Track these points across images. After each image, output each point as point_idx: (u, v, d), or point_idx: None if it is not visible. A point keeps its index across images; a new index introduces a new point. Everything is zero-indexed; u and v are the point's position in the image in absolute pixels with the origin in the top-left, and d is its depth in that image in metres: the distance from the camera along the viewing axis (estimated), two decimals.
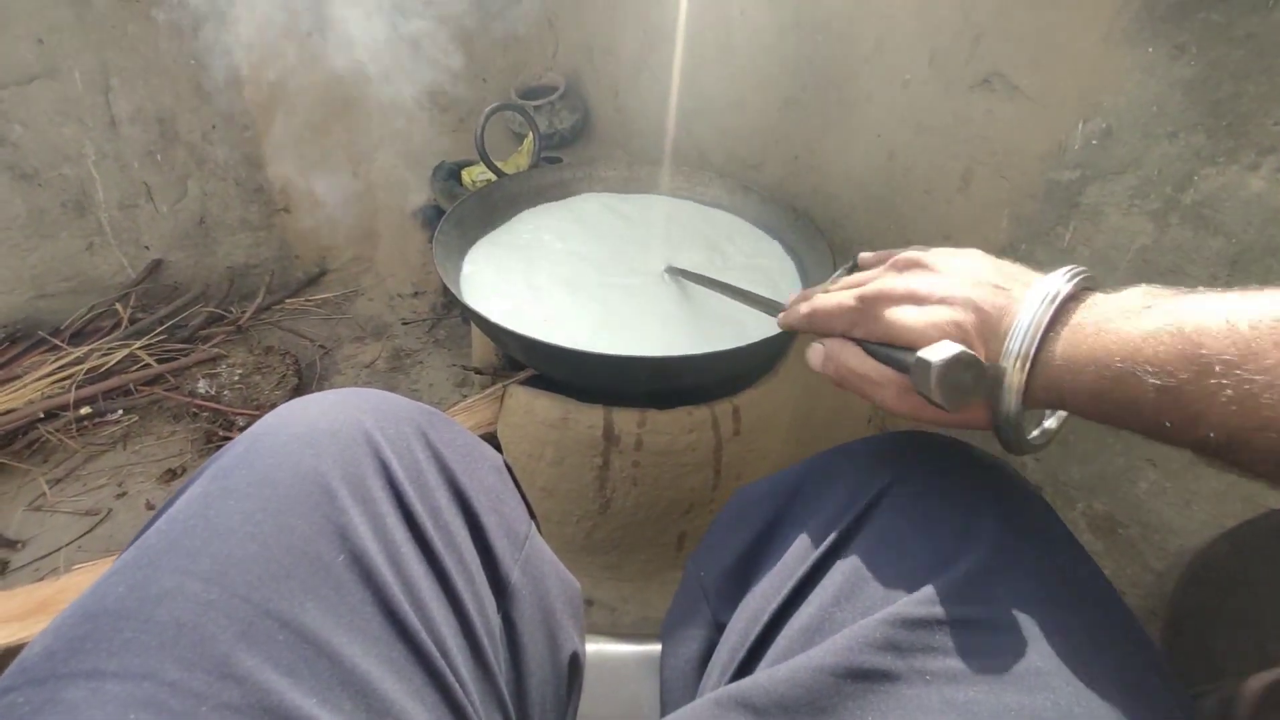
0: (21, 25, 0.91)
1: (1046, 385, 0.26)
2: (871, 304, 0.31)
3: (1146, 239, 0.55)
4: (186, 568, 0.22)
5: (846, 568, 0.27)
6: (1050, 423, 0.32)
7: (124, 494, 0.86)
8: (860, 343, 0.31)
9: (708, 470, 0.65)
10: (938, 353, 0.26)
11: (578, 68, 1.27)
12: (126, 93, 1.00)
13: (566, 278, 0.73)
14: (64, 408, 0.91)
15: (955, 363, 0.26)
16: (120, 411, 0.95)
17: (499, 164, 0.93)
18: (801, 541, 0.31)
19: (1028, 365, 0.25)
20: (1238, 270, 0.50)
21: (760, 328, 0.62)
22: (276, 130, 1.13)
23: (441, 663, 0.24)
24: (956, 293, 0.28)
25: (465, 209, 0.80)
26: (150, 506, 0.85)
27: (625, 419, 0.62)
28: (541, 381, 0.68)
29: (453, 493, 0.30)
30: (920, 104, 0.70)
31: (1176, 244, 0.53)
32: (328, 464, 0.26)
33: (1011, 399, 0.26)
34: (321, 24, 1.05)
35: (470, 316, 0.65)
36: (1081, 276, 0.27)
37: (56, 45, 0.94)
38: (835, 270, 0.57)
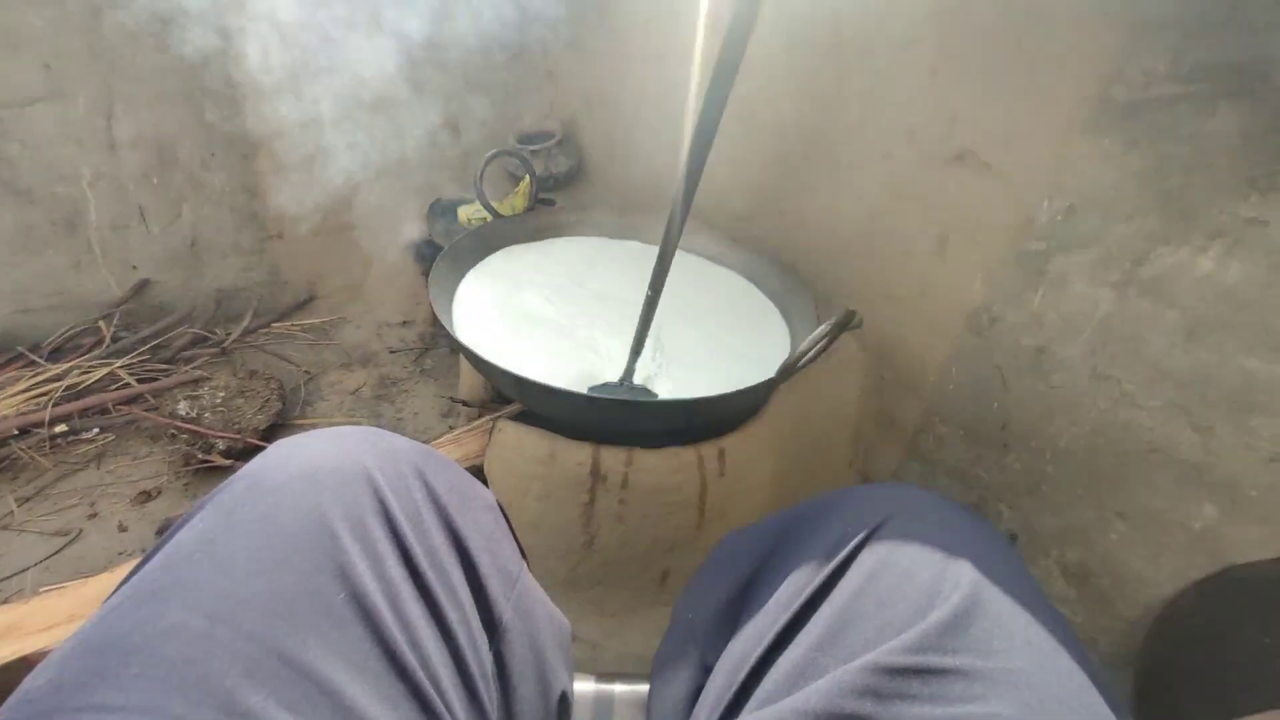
0: (31, 50, 0.93)
1: None
2: None
3: (1109, 307, 0.59)
4: (192, 603, 0.22)
5: (830, 613, 0.29)
6: None
7: (95, 515, 0.84)
8: None
9: (692, 510, 0.66)
10: None
11: (575, 116, 1.32)
12: (129, 118, 1.02)
13: (558, 317, 0.74)
14: (39, 424, 0.89)
15: None
16: (96, 430, 0.94)
17: (495, 204, 0.96)
18: (788, 586, 0.32)
19: None
20: (1192, 340, 0.53)
21: (748, 374, 0.64)
22: (276, 160, 1.15)
23: (437, 700, 0.25)
24: None
25: (461, 246, 0.82)
26: (123, 528, 0.82)
27: (612, 457, 0.63)
28: (529, 417, 0.69)
29: (448, 532, 0.31)
30: (899, 174, 0.75)
31: (1136, 314, 0.57)
32: (329, 503, 0.27)
33: None
34: (332, 64, 1.09)
35: (462, 351, 0.66)
36: None
37: (63, 70, 0.95)
38: (819, 324, 0.60)
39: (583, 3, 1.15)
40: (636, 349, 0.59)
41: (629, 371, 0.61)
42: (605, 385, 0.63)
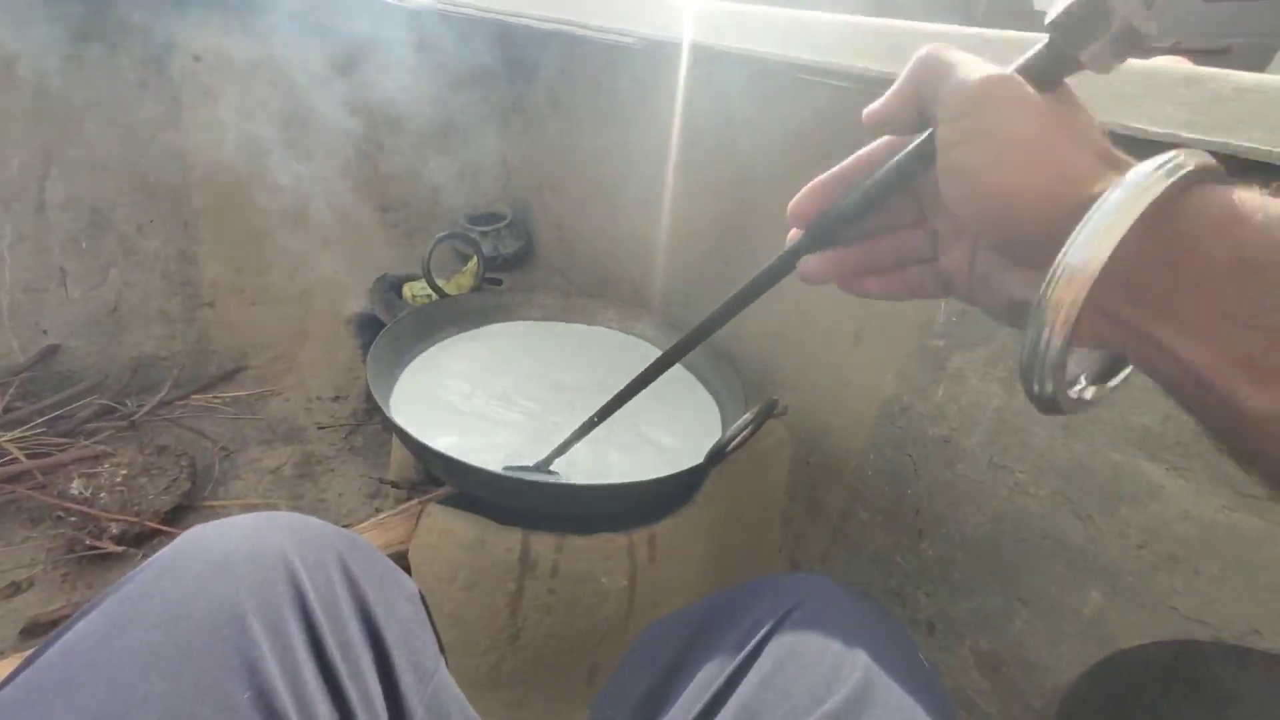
0: None
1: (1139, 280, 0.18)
2: None
3: (1000, 401, 0.65)
4: (83, 706, 0.21)
5: (739, 703, 0.29)
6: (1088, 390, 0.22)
7: None
8: None
9: (623, 600, 0.65)
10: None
11: (526, 200, 1.38)
12: (65, 181, 1.00)
13: (496, 400, 0.75)
14: None
15: None
16: None
17: (442, 283, 0.98)
18: (701, 677, 0.32)
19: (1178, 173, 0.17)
20: (1069, 434, 0.60)
21: (680, 459, 0.66)
22: (218, 228, 1.14)
23: None
24: None
25: (405, 323, 0.82)
26: None
27: (542, 543, 0.63)
28: (459, 500, 0.68)
29: (364, 623, 0.30)
30: None
31: (1022, 408, 0.63)
32: (243, 593, 0.26)
33: (1056, 314, 0.18)
34: (284, 142, 1.11)
35: (394, 430, 0.66)
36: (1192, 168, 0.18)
37: (2, 132, 0.94)
38: (746, 411, 0.63)
39: (536, 100, 1.24)
40: (561, 450, 0.60)
41: (548, 459, 0.61)
42: (521, 467, 0.63)
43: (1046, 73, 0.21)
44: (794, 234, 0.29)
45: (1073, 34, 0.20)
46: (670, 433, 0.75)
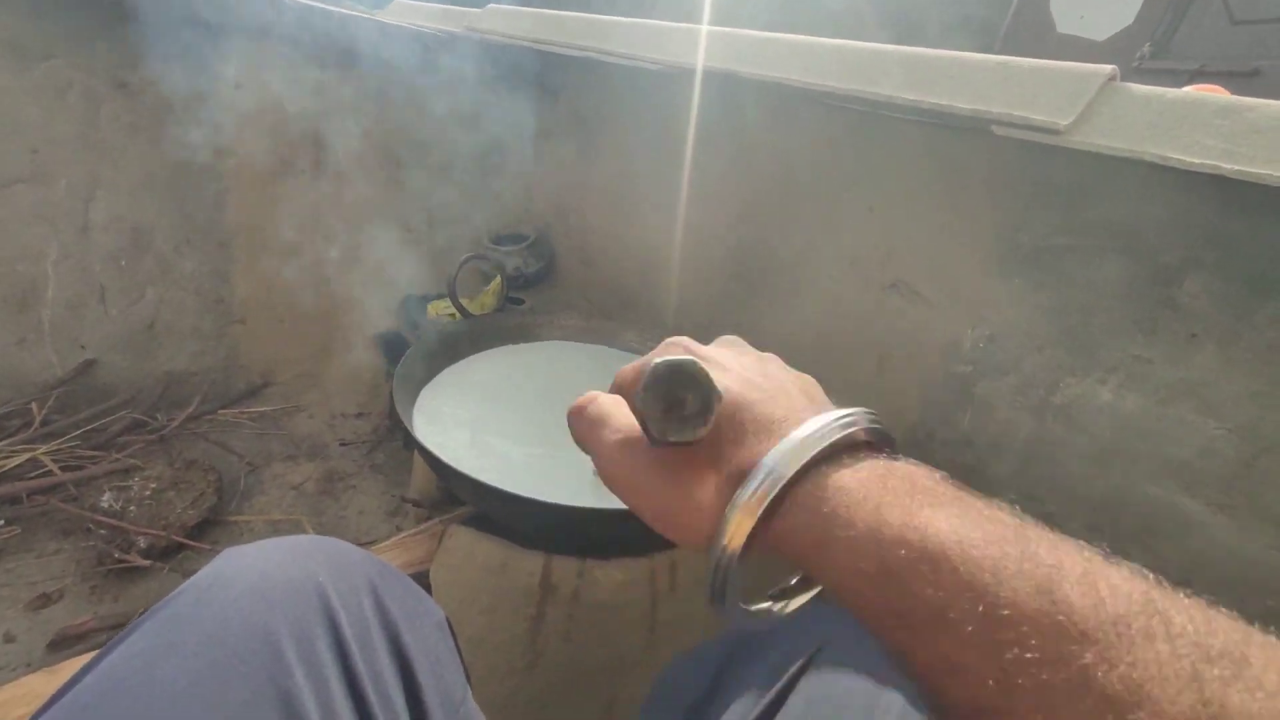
0: (23, 136, 0.95)
1: (792, 531, 0.21)
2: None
3: (1028, 431, 0.64)
4: None
5: None
6: (776, 605, 0.25)
7: None
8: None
9: (643, 628, 0.64)
10: (666, 356, 0.23)
11: (549, 223, 1.40)
12: (109, 203, 1.04)
13: (519, 420, 0.76)
14: None
15: (680, 371, 0.22)
16: (2, 522, 0.86)
17: (465, 302, 0.99)
18: (732, 712, 0.32)
19: (775, 487, 0.21)
20: (1102, 466, 0.58)
21: None
22: (251, 248, 1.18)
23: None
24: (731, 365, 0.26)
25: (429, 342, 0.83)
26: (9, 638, 0.74)
27: (564, 567, 0.62)
28: (481, 521, 0.68)
29: (394, 653, 0.30)
30: (843, 298, 0.82)
31: (1052, 438, 0.62)
32: (278, 619, 0.26)
33: (732, 527, 0.21)
34: (317, 165, 1.15)
35: (419, 450, 0.66)
36: (874, 426, 0.23)
37: (50, 155, 0.98)
38: None
39: (561, 122, 1.27)
40: None
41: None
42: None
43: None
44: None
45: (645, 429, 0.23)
46: None
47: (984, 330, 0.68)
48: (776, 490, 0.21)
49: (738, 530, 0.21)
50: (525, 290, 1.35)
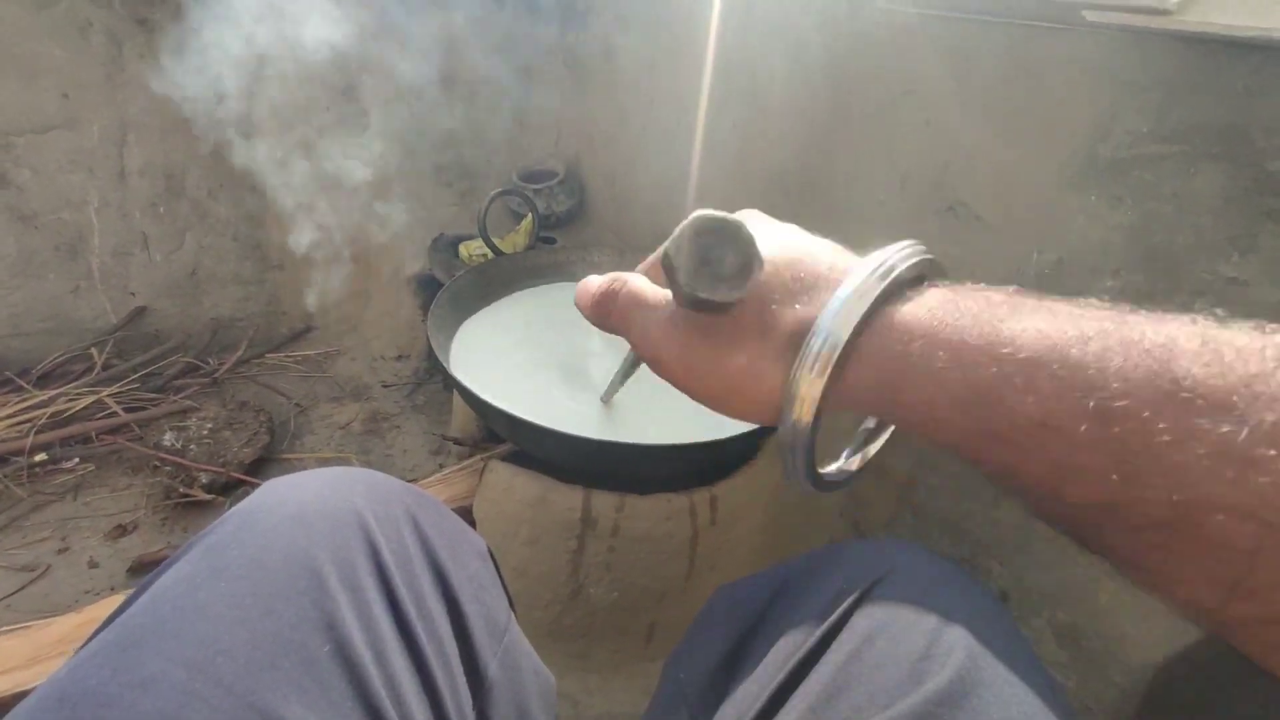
0: (51, 79, 0.95)
1: (863, 384, 0.20)
2: None
3: None
4: (171, 653, 0.21)
5: (823, 678, 0.28)
6: (853, 461, 0.25)
7: (66, 549, 0.82)
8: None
9: (683, 559, 0.65)
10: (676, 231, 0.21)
11: (578, 155, 1.35)
12: (141, 147, 1.04)
13: (554, 358, 0.75)
14: (19, 452, 0.87)
15: (722, 225, 0.20)
16: (77, 460, 0.92)
17: (497, 241, 0.97)
18: (781, 647, 0.31)
19: (837, 348, 0.20)
20: None
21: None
22: (283, 193, 1.17)
23: None
24: (760, 228, 0.24)
25: (462, 283, 0.82)
26: (93, 564, 0.80)
27: (604, 502, 0.62)
28: (520, 457, 0.68)
29: (437, 580, 0.30)
30: (894, 221, 0.76)
31: None
32: (319, 547, 0.26)
33: (800, 397, 0.20)
34: (341, 107, 1.12)
35: (456, 388, 0.66)
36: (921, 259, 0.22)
37: (80, 100, 0.98)
38: None
39: (590, 50, 1.20)
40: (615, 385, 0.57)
41: (609, 391, 0.61)
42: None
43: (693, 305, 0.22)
44: None
45: (669, 283, 0.22)
46: None
47: (1051, 254, 0.62)
48: (840, 350, 0.20)
49: (806, 399, 0.20)
50: (556, 230, 1.32)
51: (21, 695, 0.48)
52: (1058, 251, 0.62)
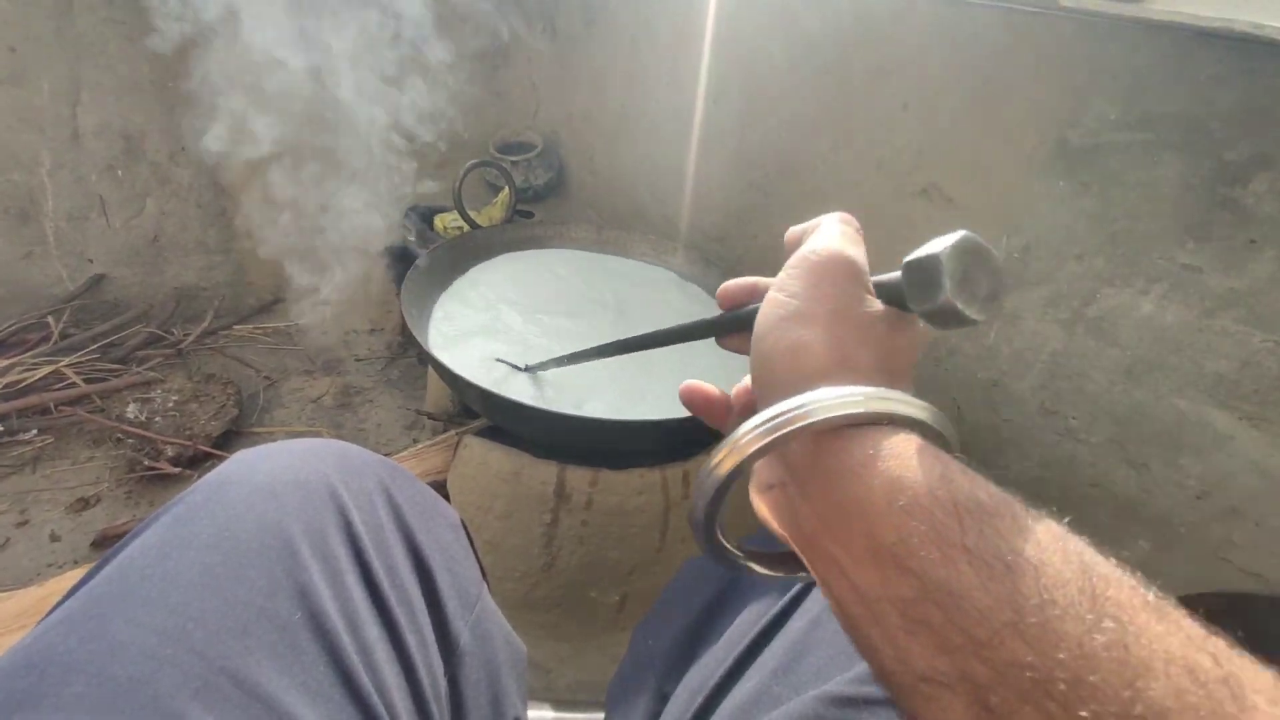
0: None
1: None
2: None
3: (1057, 344, 0.61)
4: (141, 620, 0.21)
5: (785, 643, 0.29)
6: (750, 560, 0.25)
7: (25, 522, 0.80)
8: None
9: (654, 533, 0.66)
10: (943, 241, 0.21)
11: (556, 129, 1.33)
12: (95, 107, 0.99)
13: (529, 332, 0.74)
14: None
15: (986, 251, 0.21)
16: (35, 431, 0.89)
17: (473, 214, 0.96)
18: (745, 616, 0.32)
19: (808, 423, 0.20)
20: (1131, 379, 0.56)
21: None
22: (247, 158, 1.13)
23: None
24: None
25: (437, 256, 0.81)
26: (55, 538, 0.78)
27: (577, 477, 0.63)
28: (495, 432, 0.68)
29: (409, 550, 0.30)
30: (869, 203, 0.77)
31: (1081, 351, 0.59)
32: (291, 517, 0.26)
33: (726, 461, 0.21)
34: (310, 63, 1.07)
35: (430, 363, 0.66)
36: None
37: (29, 54, 0.92)
38: None
39: (571, 19, 1.17)
40: (566, 362, 0.55)
41: (541, 365, 0.60)
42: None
43: (889, 298, 0.23)
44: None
45: (911, 286, 0.22)
46: (706, 366, 0.73)
47: (1019, 239, 0.64)
48: (808, 426, 0.20)
49: (739, 450, 0.22)
50: (534, 204, 1.30)
51: None
52: (1026, 236, 0.63)
